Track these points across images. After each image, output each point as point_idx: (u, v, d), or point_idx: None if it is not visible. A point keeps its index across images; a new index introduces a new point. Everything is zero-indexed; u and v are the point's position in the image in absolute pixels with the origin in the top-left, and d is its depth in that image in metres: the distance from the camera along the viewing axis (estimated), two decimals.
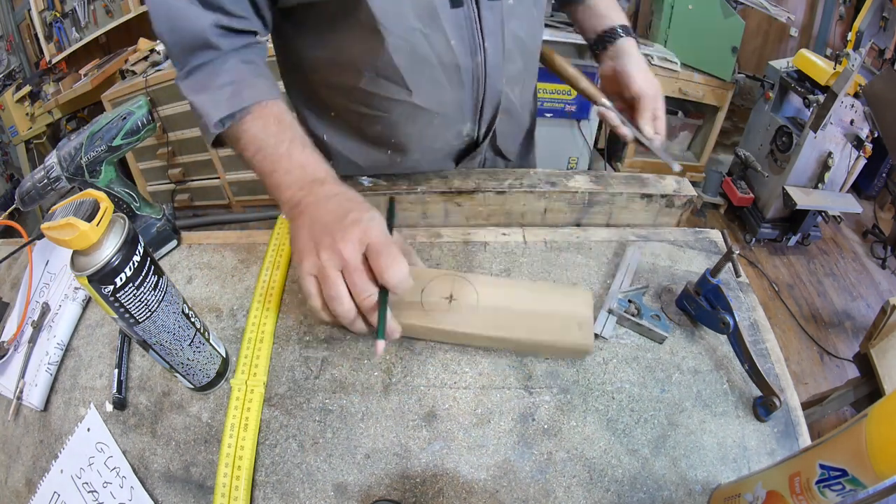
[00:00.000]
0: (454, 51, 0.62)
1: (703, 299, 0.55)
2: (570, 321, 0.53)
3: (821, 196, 1.96)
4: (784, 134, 1.97)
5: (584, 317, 0.53)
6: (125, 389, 0.54)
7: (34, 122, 2.41)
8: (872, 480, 0.30)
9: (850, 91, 1.74)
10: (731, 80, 2.20)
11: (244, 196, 2.44)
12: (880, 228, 2.23)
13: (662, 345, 0.55)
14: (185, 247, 0.68)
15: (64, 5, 2.30)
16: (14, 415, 0.54)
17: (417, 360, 0.54)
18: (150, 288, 0.42)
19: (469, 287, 0.55)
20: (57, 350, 0.57)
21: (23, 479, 0.51)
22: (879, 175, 2.28)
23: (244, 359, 0.54)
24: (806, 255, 2.18)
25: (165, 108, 2.14)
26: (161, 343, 0.46)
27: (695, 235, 0.68)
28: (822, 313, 1.96)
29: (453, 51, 0.62)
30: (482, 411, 0.51)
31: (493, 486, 0.46)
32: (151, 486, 0.48)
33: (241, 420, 0.50)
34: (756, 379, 0.51)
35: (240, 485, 0.46)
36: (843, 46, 1.81)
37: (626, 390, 0.52)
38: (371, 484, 0.47)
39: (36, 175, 0.58)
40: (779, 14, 2.10)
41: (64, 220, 0.36)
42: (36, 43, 2.42)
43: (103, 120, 0.58)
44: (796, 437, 0.50)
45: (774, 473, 0.38)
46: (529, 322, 0.53)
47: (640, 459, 0.48)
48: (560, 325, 0.52)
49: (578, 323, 0.52)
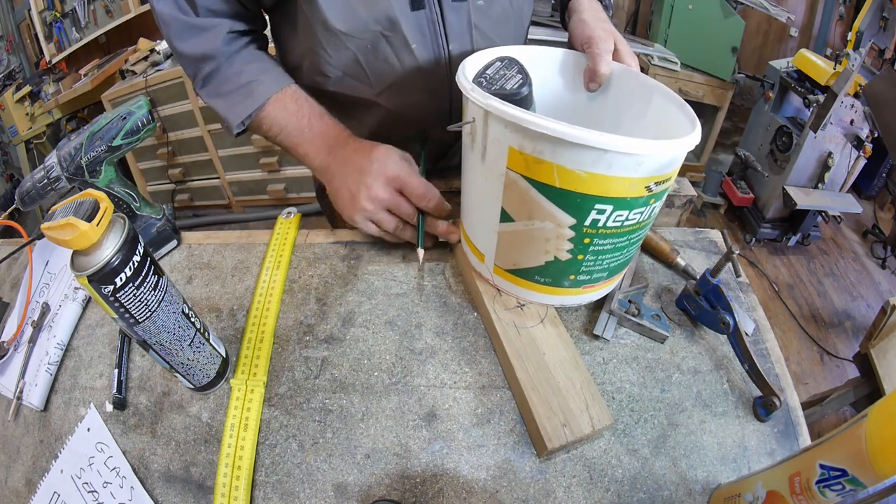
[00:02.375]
0: (415, 54, 0.61)
1: (703, 299, 0.55)
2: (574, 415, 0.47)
3: (821, 196, 1.96)
4: (784, 134, 1.97)
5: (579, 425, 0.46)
6: (125, 389, 0.54)
7: (34, 122, 2.41)
8: (872, 480, 0.30)
9: (850, 91, 1.74)
10: (731, 80, 2.20)
11: (244, 196, 2.44)
12: (880, 228, 2.23)
13: (663, 345, 0.55)
14: (185, 247, 0.68)
15: (64, 5, 2.30)
16: (14, 415, 0.54)
17: (417, 360, 0.54)
18: (150, 288, 0.42)
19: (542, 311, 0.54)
20: (57, 350, 0.57)
21: (23, 479, 0.51)
22: (879, 175, 2.28)
23: (244, 359, 0.54)
24: (806, 255, 2.18)
25: (165, 108, 2.14)
26: (161, 343, 0.46)
27: (695, 235, 0.68)
28: (822, 313, 1.96)
29: (414, 54, 0.61)
30: (482, 411, 0.51)
31: (493, 486, 0.46)
32: (151, 486, 0.48)
33: (241, 420, 0.50)
34: (756, 379, 0.51)
35: (240, 485, 0.46)
36: (843, 46, 1.81)
37: (626, 390, 0.52)
38: (371, 484, 0.47)
39: (36, 175, 0.58)
40: (779, 14, 2.10)
41: (64, 220, 0.36)
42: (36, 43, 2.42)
43: (103, 120, 0.58)
44: (796, 437, 0.50)
45: (774, 473, 0.38)
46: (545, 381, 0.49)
47: (640, 459, 0.48)
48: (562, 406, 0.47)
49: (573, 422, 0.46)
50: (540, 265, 0.49)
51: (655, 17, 2.29)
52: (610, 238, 0.45)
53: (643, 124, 0.55)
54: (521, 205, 0.45)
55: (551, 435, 0.45)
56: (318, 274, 0.63)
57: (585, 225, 0.44)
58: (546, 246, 0.46)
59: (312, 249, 0.66)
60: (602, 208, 0.42)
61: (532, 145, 0.40)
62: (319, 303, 0.60)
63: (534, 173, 0.42)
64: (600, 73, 0.55)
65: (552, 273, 0.49)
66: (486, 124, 0.43)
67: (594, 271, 0.49)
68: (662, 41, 2.23)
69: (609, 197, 0.41)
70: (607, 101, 0.59)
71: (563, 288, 0.51)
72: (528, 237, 0.47)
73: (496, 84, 0.48)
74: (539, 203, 0.43)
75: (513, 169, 0.43)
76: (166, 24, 0.58)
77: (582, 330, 0.56)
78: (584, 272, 0.48)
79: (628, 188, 0.41)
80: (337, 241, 0.67)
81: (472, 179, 0.51)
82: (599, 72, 0.55)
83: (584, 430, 0.46)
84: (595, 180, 0.40)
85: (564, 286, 0.50)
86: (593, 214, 0.42)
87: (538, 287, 0.51)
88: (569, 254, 0.46)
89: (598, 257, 0.47)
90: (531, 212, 0.45)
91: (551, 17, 2.03)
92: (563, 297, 0.52)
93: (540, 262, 0.48)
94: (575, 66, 0.59)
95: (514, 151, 0.42)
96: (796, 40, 2.47)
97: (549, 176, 0.41)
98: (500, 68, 0.50)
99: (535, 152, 0.40)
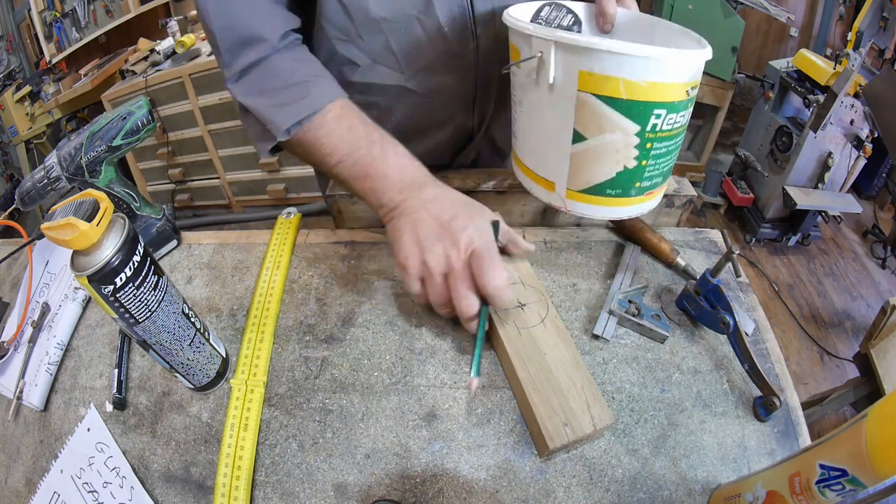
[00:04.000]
0: (447, 37, 0.62)
1: (703, 299, 0.55)
2: (575, 414, 0.47)
3: (821, 196, 1.96)
4: (784, 134, 1.97)
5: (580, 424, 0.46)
6: (125, 389, 0.54)
7: (34, 122, 2.41)
8: (872, 480, 0.30)
9: (850, 91, 1.74)
10: (731, 80, 2.19)
11: (244, 196, 2.44)
12: (880, 228, 2.23)
13: (663, 345, 0.55)
14: (185, 247, 0.68)
15: (64, 5, 2.30)
16: (14, 415, 0.54)
17: (417, 360, 0.54)
18: (150, 288, 0.42)
19: (543, 310, 0.54)
20: (57, 350, 0.57)
21: (23, 479, 0.51)
22: (879, 175, 2.28)
23: (244, 359, 0.54)
24: (806, 255, 2.18)
25: (165, 108, 2.14)
26: (161, 343, 0.46)
27: (695, 235, 0.68)
28: (822, 313, 1.96)
29: (446, 37, 0.62)
30: (482, 411, 0.51)
31: (493, 486, 0.46)
32: (151, 486, 0.48)
33: (241, 420, 0.50)
34: (756, 379, 0.51)
35: (240, 485, 0.46)
36: (843, 46, 1.81)
37: (626, 390, 0.52)
38: (371, 484, 0.47)
39: (36, 175, 0.58)
40: (779, 14, 2.10)
41: (64, 220, 0.36)
42: (36, 43, 2.42)
43: (103, 120, 0.58)
44: (796, 437, 0.50)
45: (774, 473, 0.38)
46: (546, 381, 0.49)
47: (640, 459, 0.48)
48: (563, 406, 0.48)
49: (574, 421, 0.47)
50: (611, 178, 0.53)
51: None
52: (665, 141, 0.51)
53: None
54: (591, 121, 0.50)
55: (553, 434, 0.46)
56: (318, 274, 0.63)
57: (647, 130, 0.49)
58: (616, 157, 0.51)
59: (312, 249, 0.66)
60: (659, 112, 0.48)
61: (601, 65, 0.47)
62: (319, 303, 0.60)
63: (602, 90, 0.48)
64: (608, 12, 0.58)
65: (623, 183, 0.53)
66: (554, 55, 0.49)
67: (654, 175, 0.54)
68: None
69: (663, 102, 0.48)
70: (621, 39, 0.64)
71: (630, 197, 0.55)
72: (600, 151, 0.52)
73: (554, 23, 0.57)
74: (608, 116, 0.49)
75: (583, 90, 0.49)
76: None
77: (582, 330, 0.56)
78: (646, 177, 0.54)
79: (675, 93, 0.48)
80: (337, 241, 0.67)
81: (538, 114, 0.55)
82: (607, 12, 0.58)
83: (585, 429, 0.46)
84: (653, 88, 0.47)
85: (632, 195, 0.55)
86: (653, 119, 0.49)
87: (611, 200, 0.55)
88: (635, 160, 0.52)
89: (658, 161, 0.53)
90: (602, 126, 0.50)
91: None
92: (632, 208, 0.56)
93: (611, 174, 0.53)
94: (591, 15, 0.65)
95: (584, 74, 0.48)
96: (796, 40, 2.47)
97: (615, 90, 0.47)
98: (552, 11, 0.58)
99: (602, 70, 0.47)
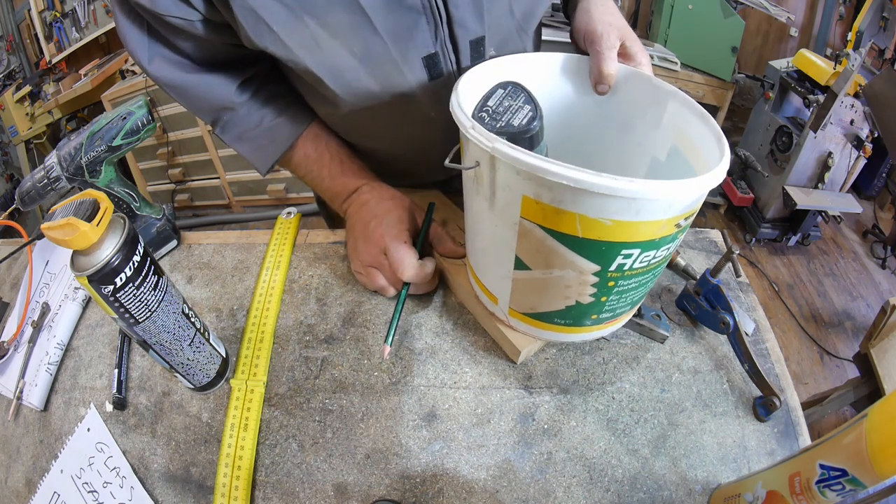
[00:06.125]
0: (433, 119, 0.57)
1: (703, 299, 0.55)
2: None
3: (821, 196, 1.96)
4: (784, 134, 1.97)
5: None
6: (125, 389, 0.54)
7: (34, 122, 2.41)
8: (872, 480, 0.30)
9: (850, 91, 1.74)
10: (731, 80, 2.20)
11: (244, 196, 2.43)
12: (880, 228, 2.23)
13: (663, 345, 0.55)
14: (185, 247, 0.68)
15: (64, 5, 2.29)
16: (14, 415, 0.54)
17: (417, 360, 0.54)
18: (150, 288, 0.42)
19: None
20: (57, 350, 0.57)
21: (23, 479, 0.51)
22: (879, 175, 2.28)
23: (244, 359, 0.54)
24: (806, 255, 2.18)
25: (165, 108, 2.14)
26: (161, 343, 0.46)
27: (695, 235, 0.68)
28: (822, 313, 1.96)
29: (432, 120, 0.57)
30: (482, 411, 0.51)
31: (493, 486, 0.46)
32: (151, 486, 0.48)
33: (241, 420, 0.50)
34: (756, 379, 0.51)
35: (240, 485, 0.46)
36: (843, 46, 1.81)
37: (626, 390, 0.52)
38: (371, 484, 0.47)
39: (36, 175, 0.58)
40: (779, 14, 2.10)
41: (64, 220, 0.36)
42: (36, 43, 2.42)
43: (103, 120, 0.58)
44: (796, 437, 0.50)
45: (774, 473, 0.38)
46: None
47: (640, 459, 0.48)
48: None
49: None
50: (560, 309, 0.46)
51: (655, 17, 2.29)
52: (636, 277, 0.42)
53: (659, 134, 0.50)
54: (538, 254, 0.41)
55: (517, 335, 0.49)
56: (318, 274, 0.63)
57: (611, 270, 0.40)
58: (567, 292, 0.43)
59: (312, 249, 0.66)
60: (629, 252, 0.39)
61: (550, 194, 0.35)
62: (319, 303, 0.60)
63: (553, 223, 0.37)
64: (605, 73, 0.50)
65: (574, 315, 0.46)
66: (494, 169, 0.38)
67: (618, 308, 0.46)
68: (662, 41, 2.23)
69: (637, 241, 0.38)
70: (619, 105, 0.53)
71: (584, 327, 0.48)
72: (547, 284, 0.43)
73: (501, 120, 0.41)
74: (559, 252, 0.39)
75: (528, 218, 0.38)
76: (173, 89, 0.55)
77: None
78: (607, 311, 0.46)
79: (657, 230, 0.37)
80: (337, 241, 0.67)
81: (479, 225, 0.46)
82: (604, 72, 0.50)
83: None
84: (622, 227, 0.36)
85: (586, 325, 0.48)
86: (619, 259, 0.39)
87: (558, 328, 0.48)
88: (592, 297, 0.43)
89: (623, 295, 0.44)
90: (550, 261, 0.41)
91: (551, 16, 2.02)
92: (585, 335, 0.50)
93: (560, 306, 0.45)
94: (581, 69, 0.54)
95: (528, 200, 0.37)
96: (796, 40, 2.47)
97: (570, 226, 0.37)
98: (504, 98, 0.42)
99: (553, 202, 0.36)
